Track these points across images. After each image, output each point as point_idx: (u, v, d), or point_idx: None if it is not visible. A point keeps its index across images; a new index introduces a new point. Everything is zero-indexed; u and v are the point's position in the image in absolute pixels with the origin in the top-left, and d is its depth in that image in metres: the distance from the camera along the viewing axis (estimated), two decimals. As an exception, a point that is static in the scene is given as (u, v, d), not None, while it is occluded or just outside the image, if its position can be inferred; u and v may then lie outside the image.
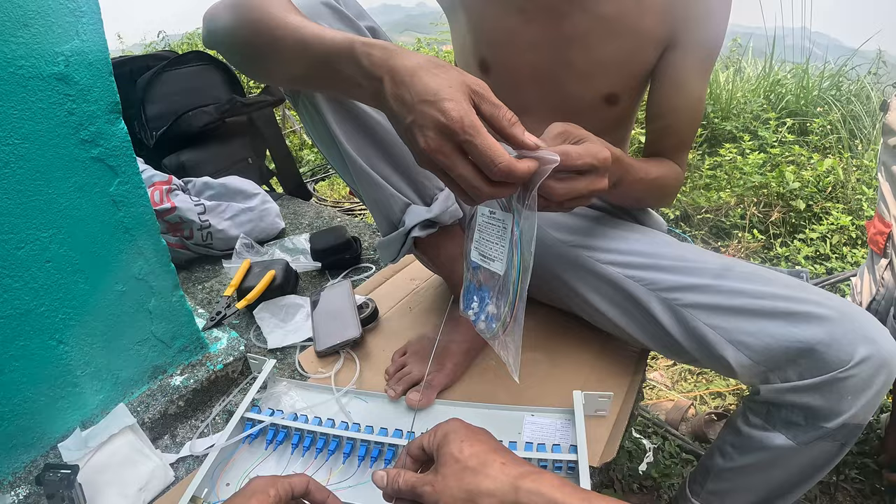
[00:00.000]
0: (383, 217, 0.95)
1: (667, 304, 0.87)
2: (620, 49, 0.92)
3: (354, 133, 0.87)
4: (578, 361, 1.02)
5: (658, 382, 1.81)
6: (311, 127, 0.92)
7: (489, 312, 0.72)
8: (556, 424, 0.88)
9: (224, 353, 1.04)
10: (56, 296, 0.81)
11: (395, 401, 0.95)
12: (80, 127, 0.79)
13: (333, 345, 1.06)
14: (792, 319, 0.77)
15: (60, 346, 0.84)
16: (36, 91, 0.73)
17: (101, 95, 0.80)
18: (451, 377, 0.98)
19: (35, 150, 0.75)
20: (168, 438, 0.95)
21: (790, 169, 2.76)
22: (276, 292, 1.23)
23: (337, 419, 0.89)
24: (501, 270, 0.68)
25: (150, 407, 0.94)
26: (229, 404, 1.00)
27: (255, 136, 2.02)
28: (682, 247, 0.94)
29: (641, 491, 1.39)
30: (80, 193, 0.81)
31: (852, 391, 0.74)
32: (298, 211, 1.87)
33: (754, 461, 0.86)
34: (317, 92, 0.85)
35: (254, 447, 0.88)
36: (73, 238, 0.82)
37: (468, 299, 0.77)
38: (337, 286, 1.20)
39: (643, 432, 1.56)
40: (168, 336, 0.98)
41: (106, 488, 0.82)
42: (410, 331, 1.13)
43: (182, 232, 1.44)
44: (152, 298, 0.94)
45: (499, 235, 0.69)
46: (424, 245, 0.97)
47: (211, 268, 1.51)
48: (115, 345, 0.91)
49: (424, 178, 0.93)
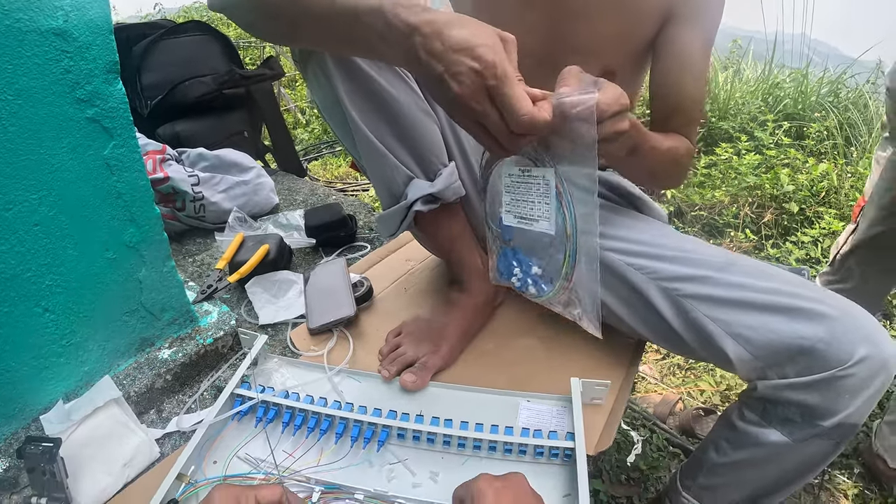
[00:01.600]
0: (385, 189, 0.94)
1: (667, 293, 0.86)
2: (619, 24, 0.91)
3: (363, 102, 0.85)
4: (575, 349, 1.01)
5: (647, 375, 1.81)
6: (319, 93, 0.89)
7: (537, 274, 0.71)
8: (553, 411, 0.87)
9: (214, 327, 1.02)
10: (43, 261, 0.79)
11: (389, 382, 0.94)
12: (77, 85, 0.76)
13: (327, 322, 1.05)
14: (794, 316, 0.77)
15: (46, 313, 0.81)
16: (32, 46, 0.71)
17: (99, 53, 0.77)
18: (446, 359, 0.97)
19: (28, 108, 0.72)
20: (154, 413, 0.93)
21: (785, 171, 2.77)
22: (269, 267, 1.21)
23: (329, 398, 0.87)
24: (551, 229, 0.67)
25: (137, 380, 0.91)
26: (218, 380, 0.98)
27: (252, 109, 1.98)
28: (684, 238, 0.93)
29: (629, 482, 1.39)
30: (73, 155, 0.78)
31: (850, 390, 0.74)
32: (293, 187, 1.84)
33: (748, 457, 0.85)
34: (337, 52, 0.82)
35: (243, 424, 0.86)
36: (64, 201, 0.79)
37: (506, 266, 0.76)
38: (331, 263, 1.18)
39: (631, 424, 1.56)
40: (157, 308, 0.95)
41: (89, 463, 0.79)
42: (405, 311, 1.11)
43: (174, 203, 1.41)
44: (143, 268, 0.91)
45: (540, 193, 0.67)
46: (425, 221, 0.96)
47: (203, 241, 1.48)
48: (102, 315, 0.88)
49: (429, 153, 0.91)
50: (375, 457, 0.80)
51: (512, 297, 1.12)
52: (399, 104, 0.86)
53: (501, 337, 1.06)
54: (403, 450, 0.81)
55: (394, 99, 0.86)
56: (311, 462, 0.78)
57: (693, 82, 0.95)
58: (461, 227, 1.00)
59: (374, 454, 0.80)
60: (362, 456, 0.80)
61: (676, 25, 0.92)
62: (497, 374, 0.96)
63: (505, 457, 0.80)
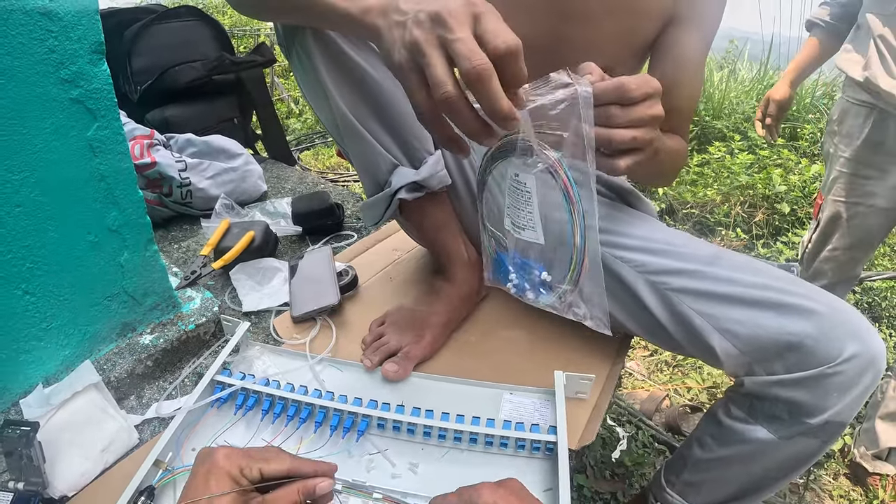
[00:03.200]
0: (369, 177, 0.93)
1: (654, 287, 0.86)
2: (620, 23, 0.90)
3: (347, 87, 0.84)
4: (559, 342, 1.01)
5: (634, 371, 1.81)
6: (303, 78, 0.89)
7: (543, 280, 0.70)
8: (536, 404, 0.86)
9: (197, 313, 1.01)
10: (24, 243, 0.78)
11: (371, 371, 0.93)
12: (61, 66, 0.75)
13: (310, 310, 1.04)
14: (782, 311, 0.76)
15: (26, 296, 0.80)
16: (17, 25, 0.69)
17: (85, 34, 0.76)
18: (429, 349, 0.96)
19: (11, 88, 0.71)
20: (134, 399, 0.92)
21: (777, 172, 2.78)
22: (255, 254, 1.20)
23: (310, 387, 0.87)
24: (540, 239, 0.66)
25: (117, 365, 0.90)
26: (200, 367, 0.97)
27: (242, 96, 1.96)
28: (673, 232, 0.93)
29: (613, 478, 1.39)
30: (56, 136, 0.77)
31: (838, 388, 0.73)
32: (282, 175, 1.83)
33: (733, 453, 0.85)
34: (313, 25, 0.81)
35: (222, 412, 0.85)
36: (46, 183, 0.78)
37: (500, 271, 0.75)
38: (317, 252, 1.17)
39: (617, 420, 1.56)
40: (139, 292, 0.94)
41: (67, 448, 0.79)
42: (390, 301, 1.10)
43: (161, 188, 1.39)
44: (125, 251, 0.90)
45: (524, 201, 0.65)
46: (410, 210, 0.95)
47: (189, 227, 1.46)
48: (83, 298, 0.87)
49: (414, 140, 0.90)
50: (355, 446, 0.80)
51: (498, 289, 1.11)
52: (383, 90, 0.85)
53: (486, 328, 1.05)
54: (383, 440, 0.81)
55: (378, 84, 0.84)
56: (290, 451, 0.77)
57: (691, 82, 0.95)
58: (447, 217, 0.99)
59: (354, 444, 0.80)
60: (341, 445, 0.79)
61: (678, 28, 0.91)
62: (480, 366, 0.96)
63: (486, 449, 0.80)
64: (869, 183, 1.51)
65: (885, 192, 1.49)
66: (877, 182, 1.49)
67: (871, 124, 1.45)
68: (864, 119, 1.46)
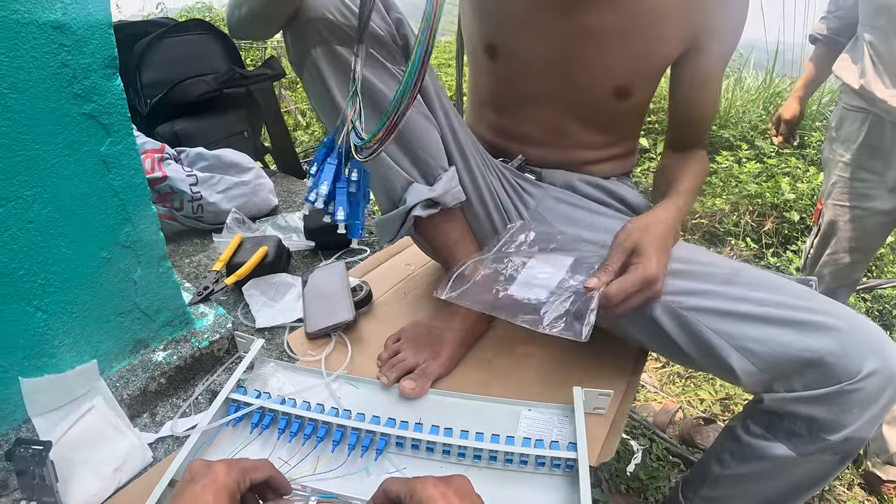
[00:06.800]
0: (384, 194, 0.92)
1: (669, 307, 0.84)
2: (637, 47, 0.92)
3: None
4: (575, 357, 0.99)
5: (647, 384, 1.79)
6: (315, 95, 0.88)
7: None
8: (554, 420, 0.85)
9: (210, 329, 1.00)
10: (37, 259, 0.77)
11: (388, 388, 0.92)
12: (74, 80, 0.74)
13: (325, 327, 1.03)
14: (801, 328, 0.76)
15: (38, 313, 0.79)
16: (29, 38, 0.69)
17: (98, 48, 0.75)
18: (446, 367, 0.95)
19: (23, 102, 0.70)
20: (147, 417, 0.91)
21: (786, 180, 2.77)
22: (267, 269, 1.19)
23: (326, 404, 0.85)
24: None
25: (130, 383, 0.89)
26: (213, 384, 0.96)
27: (252, 110, 1.96)
28: (687, 248, 0.92)
29: (628, 492, 1.38)
30: (69, 151, 0.76)
31: (858, 404, 0.73)
32: (292, 189, 1.82)
33: (752, 470, 0.84)
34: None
35: (238, 430, 0.84)
36: (59, 198, 0.77)
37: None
38: (330, 267, 1.16)
39: (631, 433, 1.55)
40: (152, 309, 0.93)
41: (80, 466, 0.77)
42: (404, 316, 1.09)
43: (172, 203, 1.39)
44: (138, 268, 0.89)
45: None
46: (424, 226, 0.94)
47: (200, 241, 1.46)
48: (95, 315, 0.86)
49: (428, 157, 0.90)
50: (373, 465, 0.78)
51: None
52: None
53: (501, 344, 1.04)
54: (402, 458, 0.80)
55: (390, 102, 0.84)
56: (307, 470, 0.76)
57: (711, 98, 1.00)
58: (461, 233, 0.98)
59: (372, 463, 0.78)
60: (360, 464, 0.78)
61: (700, 52, 0.94)
62: (497, 383, 0.94)
63: (506, 467, 0.78)
64: (867, 186, 1.54)
65: (882, 194, 1.53)
66: (874, 185, 1.53)
67: (867, 129, 1.50)
68: (861, 124, 1.51)
